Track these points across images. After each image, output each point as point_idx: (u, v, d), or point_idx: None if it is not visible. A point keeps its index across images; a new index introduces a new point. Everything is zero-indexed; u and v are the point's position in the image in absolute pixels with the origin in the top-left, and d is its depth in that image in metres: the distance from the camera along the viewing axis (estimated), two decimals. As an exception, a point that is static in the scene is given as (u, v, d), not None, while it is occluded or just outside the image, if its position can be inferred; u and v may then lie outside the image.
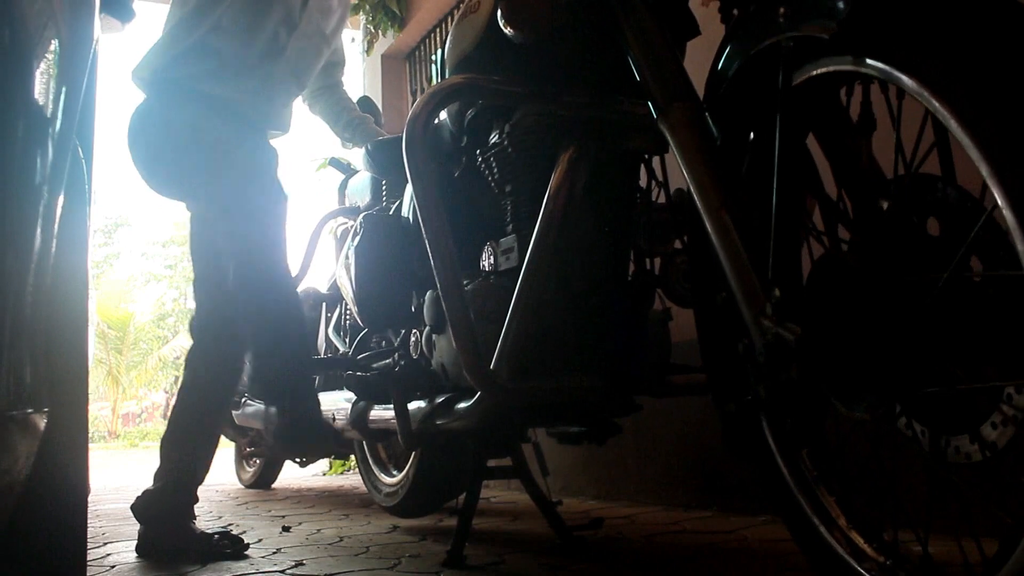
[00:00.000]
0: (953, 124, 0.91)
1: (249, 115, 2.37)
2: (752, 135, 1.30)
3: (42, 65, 1.08)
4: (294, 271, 2.87)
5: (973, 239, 0.93)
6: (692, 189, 1.23)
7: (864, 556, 1.19)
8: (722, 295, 1.27)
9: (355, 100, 2.84)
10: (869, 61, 1.04)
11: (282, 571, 1.94)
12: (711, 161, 1.24)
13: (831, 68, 1.12)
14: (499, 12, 1.55)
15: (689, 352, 1.91)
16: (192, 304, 2.39)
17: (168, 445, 2.32)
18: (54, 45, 1.13)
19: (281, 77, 2.39)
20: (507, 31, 1.55)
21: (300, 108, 2.85)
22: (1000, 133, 0.86)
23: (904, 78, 0.98)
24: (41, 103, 1.08)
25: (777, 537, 2.12)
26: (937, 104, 0.93)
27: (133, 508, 2.29)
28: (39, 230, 1.08)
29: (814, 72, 1.14)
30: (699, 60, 1.48)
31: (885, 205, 1.08)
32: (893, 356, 1.02)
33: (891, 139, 1.07)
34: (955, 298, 0.98)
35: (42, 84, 1.08)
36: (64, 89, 1.17)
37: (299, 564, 2.01)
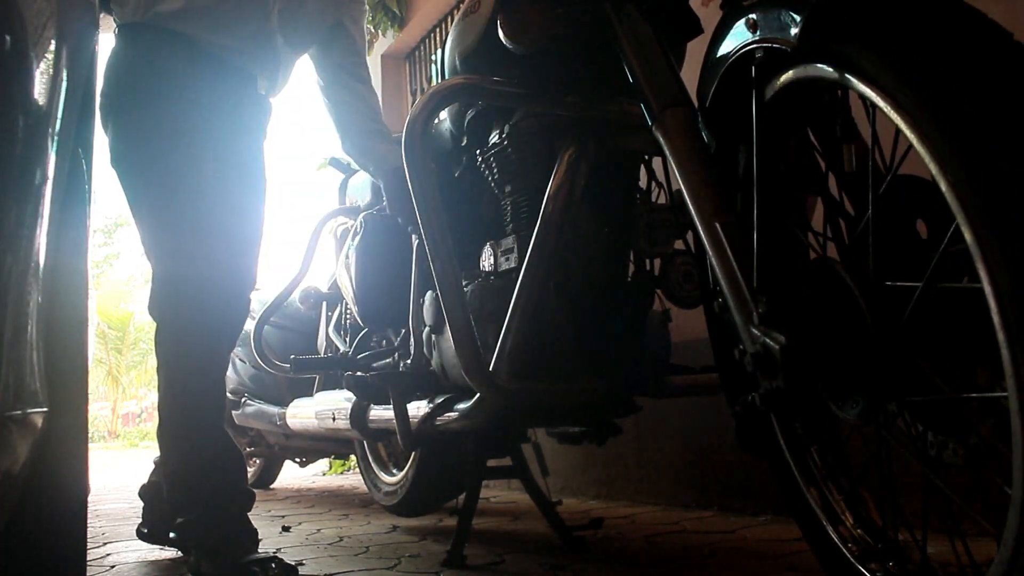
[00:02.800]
0: (912, 137, 0.91)
1: (235, 61, 2.07)
2: (744, 140, 1.31)
3: (42, 65, 1.08)
4: (294, 271, 2.88)
5: (949, 246, 0.93)
6: (686, 196, 1.23)
7: (869, 556, 1.19)
8: (719, 300, 1.28)
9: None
10: (830, 69, 1.04)
11: (282, 571, 1.94)
12: (704, 167, 1.24)
13: (801, 75, 1.12)
14: (499, 23, 1.56)
15: (689, 352, 1.91)
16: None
17: (158, 439, 2.02)
18: (54, 45, 1.13)
19: (258, 20, 2.06)
20: (506, 42, 1.56)
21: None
22: (956, 148, 0.86)
23: (865, 88, 0.98)
24: (41, 103, 1.08)
25: (777, 537, 2.12)
26: (896, 116, 0.93)
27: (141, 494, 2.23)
28: (39, 230, 1.08)
29: (789, 78, 1.15)
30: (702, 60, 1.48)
31: (870, 208, 1.08)
32: (880, 362, 1.02)
33: (888, 142, 1.08)
34: (937, 304, 0.98)
35: (42, 84, 1.08)
36: (64, 89, 1.17)
37: (299, 564, 2.01)
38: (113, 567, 2.12)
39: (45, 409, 1.22)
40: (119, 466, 8.65)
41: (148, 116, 1.97)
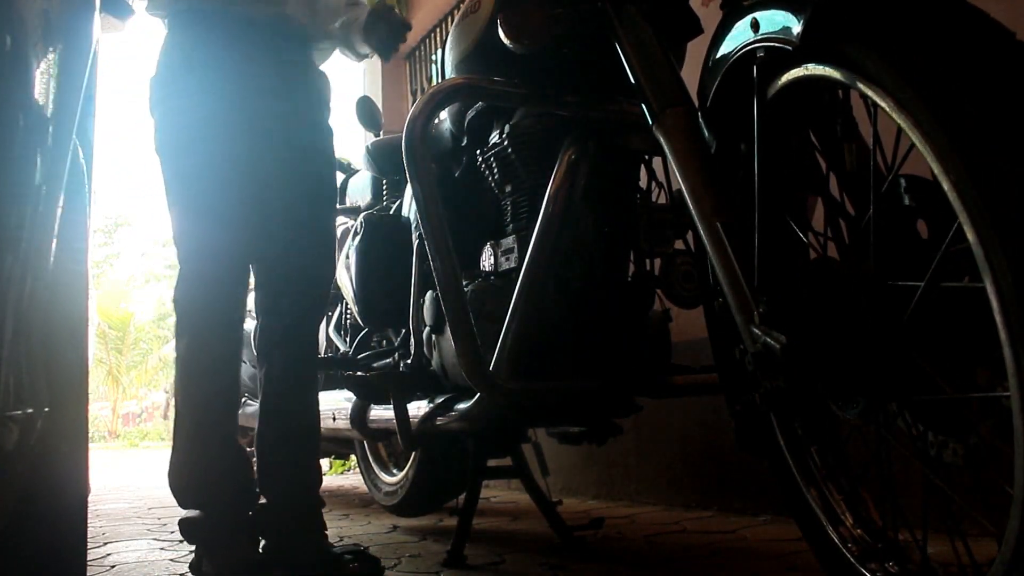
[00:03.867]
0: (914, 137, 0.91)
1: (286, 28, 1.99)
2: (745, 139, 1.31)
3: (42, 65, 1.08)
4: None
5: (950, 246, 0.93)
6: (686, 195, 1.23)
7: (869, 556, 1.19)
8: (719, 300, 1.28)
9: (355, 100, 2.83)
10: (831, 68, 1.04)
11: (282, 571, 1.94)
12: (704, 167, 1.24)
13: (802, 75, 1.12)
14: (499, 23, 1.56)
15: (689, 352, 1.91)
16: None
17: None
18: (54, 45, 1.13)
19: None
20: (506, 42, 1.56)
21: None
22: (958, 148, 0.86)
23: (867, 88, 0.98)
24: (41, 103, 1.08)
25: (777, 537, 2.12)
26: (898, 116, 0.93)
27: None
28: (39, 230, 1.08)
29: (791, 77, 1.15)
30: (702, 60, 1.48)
31: (872, 208, 1.08)
32: (881, 362, 1.02)
33: (889, 142, 1.07)
34: (939, 304, 0.98)
35: (42, 84, 1.08)
36: (64, 89, 1.17)
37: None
38: (113, 567, 2.12)
39: (45, 409, 1.22)
40: (119, 466, 8.65)
41: (196, 104, 1.91)
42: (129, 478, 6.08)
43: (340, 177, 3.00)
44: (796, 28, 1.06)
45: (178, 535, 2.02)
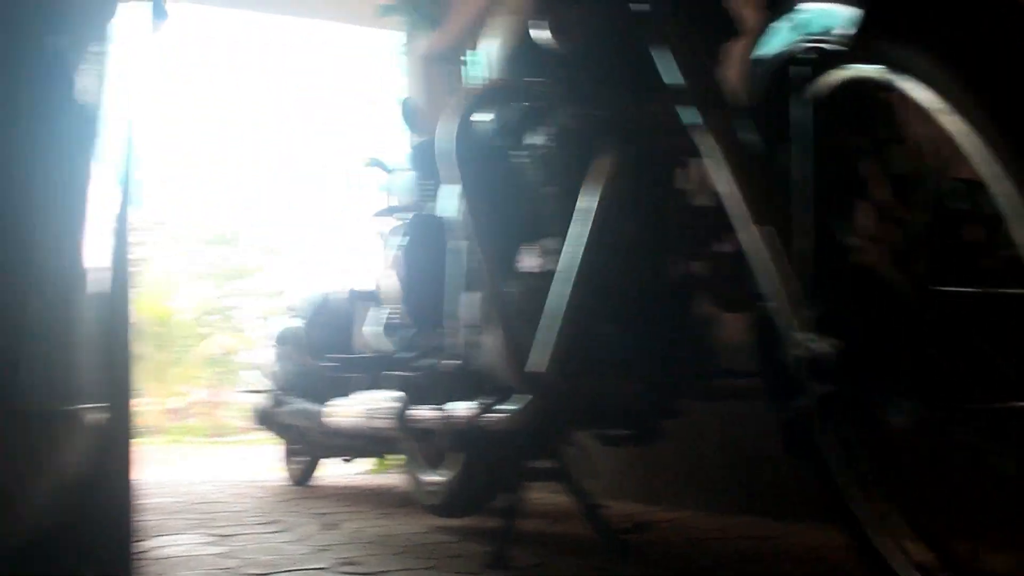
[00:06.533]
0: (965, 139, 0.89)
1: None
2: (789, 142, 1.29)
3: (88, 69, 1.10)
4: (338, 270, 2.89)
5: (1001, 250, 0.91)
6: (731, 198, 1.22)
7: (921, 568, 1.17)
8: (764, 304, 1.27)
9: (400, 101, 2.85)
10: (881, 69, 1.03)
11: (321, 569, 1.96)
12: (748, 169, 1.23)
13: (850, 75, 1.10)
14: (537, 23, 1.56)
15: (732, 357, 1.89)
16: None
17: None
18: (100, 47, 1.15)
19: None
20: (545, 42, 1.55)
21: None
22: (1011, 151, 0.84)
23: (917, 89, 0.96)
24: (88, 104, 1.10)
25: (822, 544, 2.09)
26: (949, 118, 0.92)
27: None
28: (90, 233, 1.10)
29: (837, 79, 1.13)
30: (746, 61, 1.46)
31: (921, 213, 1.06)
32: (936, 369, 1.00)
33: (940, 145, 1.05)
34: (994, 310, 0.96)
35: (89, 86, 1.10)
36: (110, 90, 1.19)
37: (342, 562, 2.02)
38: (159, 559, 2.15)
39: (97, 405, 1.24)
40: (164, 461, 8.79)
41: None
42: (174, 473, 6.17)
43: (381, 177, 3.03)
44: (842, 28, 1.05)
45: (225, 529, 2.04)
